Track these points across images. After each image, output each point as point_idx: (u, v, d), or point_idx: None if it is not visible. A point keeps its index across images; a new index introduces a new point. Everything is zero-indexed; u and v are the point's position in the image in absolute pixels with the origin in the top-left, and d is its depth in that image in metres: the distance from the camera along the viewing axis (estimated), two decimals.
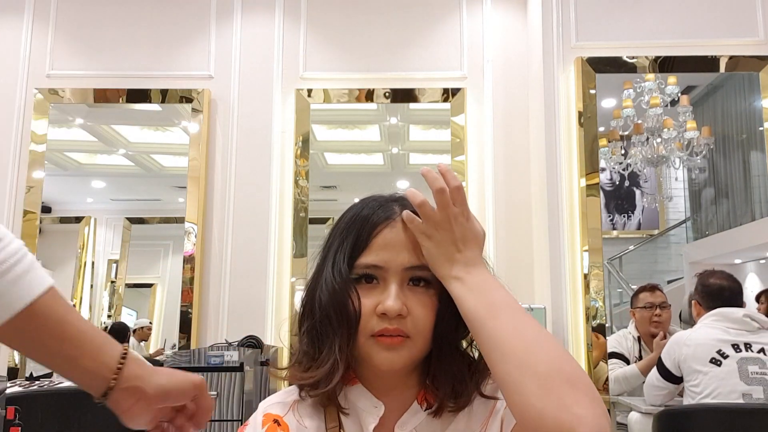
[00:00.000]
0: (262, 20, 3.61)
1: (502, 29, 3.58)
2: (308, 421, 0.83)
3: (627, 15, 3.27)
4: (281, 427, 0.83)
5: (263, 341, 3.11)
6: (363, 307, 0.78)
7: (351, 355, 0.80)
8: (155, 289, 3.65)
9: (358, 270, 0.80)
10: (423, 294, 0.80)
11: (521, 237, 3.36)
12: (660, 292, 3.03)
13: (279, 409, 0.85)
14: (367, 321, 0.78)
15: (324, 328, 0.80)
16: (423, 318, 0.79)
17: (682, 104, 3.38)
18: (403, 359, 0.78)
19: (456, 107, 3.47)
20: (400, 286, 0.79)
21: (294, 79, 3.55)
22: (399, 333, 0.78)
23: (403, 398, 0.83)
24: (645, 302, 2.99)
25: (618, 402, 2.86)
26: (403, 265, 0.80)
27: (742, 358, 2.30)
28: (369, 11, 3.61)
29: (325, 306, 0.80)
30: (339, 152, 3.83)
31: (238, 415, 2.64)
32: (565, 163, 3.15)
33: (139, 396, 0.70)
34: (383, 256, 0.80)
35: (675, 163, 3.48)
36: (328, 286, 0.81)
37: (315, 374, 0.80)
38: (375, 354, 0.78)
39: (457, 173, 3.40)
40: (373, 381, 0.83)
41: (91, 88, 3.50)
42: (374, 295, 0.79)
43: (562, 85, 3.22)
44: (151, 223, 3.60)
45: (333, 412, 0.82)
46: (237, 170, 3.47)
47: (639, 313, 3.00)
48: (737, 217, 3.63)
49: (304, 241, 3.35)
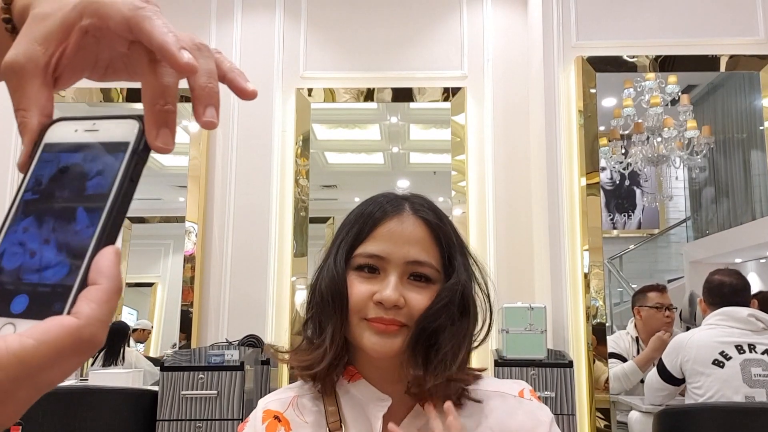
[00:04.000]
0: (263, 19, 3.61)
1: (502, 28, 3.58)
2: (308, 417, 0.83)
3: (627, 14, 3.27)
4: (281, 423, 0.83)
5: (263, 340, 3.11)
6: (360, 291, 0.80)
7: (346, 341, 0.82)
8: (156, 288, 3.65)
9: (359, 259, 0.82)
10: (423, 288, 0.81)
11: (521, 236, 3.36)
12: (667, 293, 3.02)
13: (279, 405, 0.85)
14: (362, 306, 0.79)
15: (324, 315, 0.82)
16: (421, 308, 0.80)
17: (682, 103, 3.37)
18: (396, 346, 0.79)
19: (456, 106, 3.47)
20: (400, 278, 0.80)
21: (294, 78, 3.55)
22: (394, 322, 0.78)
23: (406, 398, 0.83)
24: (655, 302, 2.96)
25: (618, 401, 2.86)
26: (405, 258, 0.80)
27: (746, 360, 2.28)
28: (369, 10, 3.60)
29: (324, 292, 0.82)
30: (339, 151, 3.83)
31: (238, 414, 2.64)
32: (565, 163, 3.15)
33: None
34: (385, 247, 0.81)
35: (675, 163, 3.47)
36: (329, 274, 0.82)
37: (310, 357, 0.81)
38: (366, 337, 0.79)
39: (457, 172, 3.41)
40: (375, 376, 0.84)
41: (92, 88, 3.50)
42: (373, 283, 0.80)
43: (563, 84, 3.22)
44: (152, 223, 3.60)
45: (333, 408, 0.83)
46: (237, 169, 3.47)
47: (646, 312, 2.98)
48: (737, 216, 3.63)
49: (305, 241, 3.35)
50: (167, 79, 0.37)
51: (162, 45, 0.35)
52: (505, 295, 3.19)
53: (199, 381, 2.65)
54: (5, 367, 0.27)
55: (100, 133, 0.36)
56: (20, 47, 0.37)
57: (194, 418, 2.61)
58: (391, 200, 0.85)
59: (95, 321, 0.30)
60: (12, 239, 0.33)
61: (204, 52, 0.39)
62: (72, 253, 0.32)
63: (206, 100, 0.38)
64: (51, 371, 0.29)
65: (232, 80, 0.41)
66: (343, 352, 0.82)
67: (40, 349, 0.28)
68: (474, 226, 3.38)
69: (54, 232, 0.33)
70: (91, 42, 0.38)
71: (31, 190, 0.35)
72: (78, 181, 0.34)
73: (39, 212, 0.34)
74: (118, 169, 0.34)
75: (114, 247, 0.33)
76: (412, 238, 0.82)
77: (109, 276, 0.32)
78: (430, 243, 0.83)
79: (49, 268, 0.32)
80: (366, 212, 0.84)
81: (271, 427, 0.83)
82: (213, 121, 0.38)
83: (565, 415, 2.54)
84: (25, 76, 0.36)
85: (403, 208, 0.84)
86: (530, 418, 0.84)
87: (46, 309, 0.31)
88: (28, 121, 0.37)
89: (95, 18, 0.36)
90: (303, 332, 0.86)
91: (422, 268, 0.81)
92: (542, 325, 2.69)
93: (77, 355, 0.30)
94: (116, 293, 0.32)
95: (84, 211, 0.33)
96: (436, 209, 0.86)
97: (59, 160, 0.35)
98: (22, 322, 0.31)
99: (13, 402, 0.28)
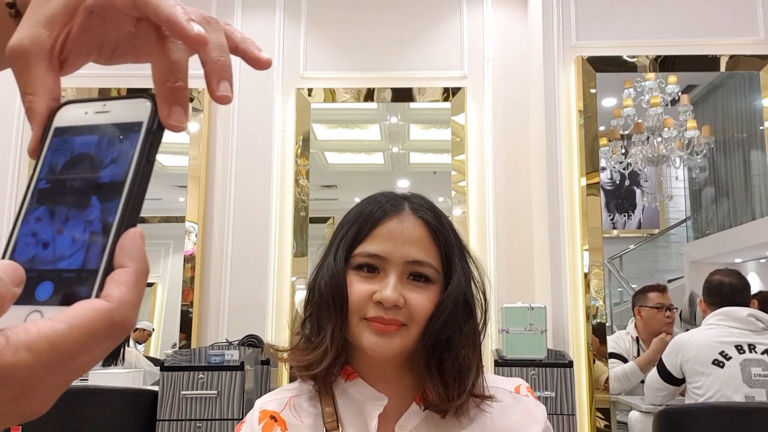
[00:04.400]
0: (263, 19, 3.61)
1: (502, 28, 3.58)
2: (305, 417, 0.83)
3: (627, 14, 3.27)
4: (278, 423, 0.83)
5: (263, 340, 3.11)
6: (359, 291, 0.80)
7: (345, 341, 0.82)
8: (156, 288, 3.65)
9: (359, 258, 0.82)
10: (423, 288, 0.81)
11: (521, 236, 3.36)
12: (668, 294, 3.02)
13: (275, 405, 0.86)
14: (362, 305, 0.79)
15: (322, 314, 0.82)
16: (421, 308, 0.80)
17: (682, 103, 3.37)
18: (395, 346, 0.79)
19: (456, 106, 3.47)
20: (400, 278, 0.80)
21: (294, 78, 3.55)
22: (394, 322, 0.79)
23: (402, 398, 0.83)
24: (656, 302, 2.96)
25: (618, 401, 2.86)
26: (404, 258, 0.81)
27: (746, 360, 2.28)
28: (369, 10, 3.60)
29: (323, 291, 0.82)
30: (339, 151, 3.83)
31: (238, 414, 2.64)
32: (565, 163, 3.15)
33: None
34: (385, 247, 0.81)
35: (675, 162, 3.47)
36: (328, 272, 0.82)
37: (310, 357, 0.81)
38: (366, 338, 0.79)
39: (457, 172, 3.41)
40: (372, 375, 0.84)
41: (92, 88, 3.50)
42: (373, 282, 0.80)
43: (563, 84, 3.22)
44: (152, 223, 3.60)
45: (330, 408, 0.83)
46: (237, 169, 3.47)
47: (647, 312, 2.98)
48: (738, 216, 3.63)
49: (305, 241, 3.35)
50: (177, 54, 0.35)
51: (170, 18, 0.34)
52: (505, 295, 3.19)
53: (199, 381, 2.65)
54: (38, 352, 0.27)
55: (111, 114, 0.35)
56: (24, 31, 0.36)
57: (194, 418, 2.62)
58: (391, 200, 0.85)
59: (126, 303, 0.30)
60: (29, 228, 0.33)
61: (213, 25, 0.38)
62: (95, 238, 0.32)
63: (219, 73, 0.37)
64: (83, 356, 0.28)
65: (246, 50, 0.40)
66: (343, 351, 0.82)
67: (73, 333, 0.28)
68: (474, 226, 3.38)
69: (75, 218, 0.32)
70: (96, 22, 0.37)
71: (45, 179, 0.34)
72: (94, 165, 0.33)
73: (55, 200, 0.33)
74: (134, 150, 0.33)
75: (138, 228, 0.32)
76: (412, 237, 0.82)
77: (137, 258, 0.31)
78: (429, 243, 0.83)
79: (71, 256, 0.31)
80: (365, 211, 0.84)
81: (267, 428, 0.83)
82: (227, 95, 0.36)
83: (565, 415, 2.54)
84: (30, 60, 0.35)
85: (402, 208, 0.84)
86: (525, 415, 0.84)
87: (72, 294, 0.30)
88: (35, 106, 0.36)
89: None
90: (301, 331, 0.86)
91: (422, 268, 0.81)
92: (542, 325, 2.69)
93: (110, 339, 0.29)
94: (145, 275, 0.32)
95: (103, 196, 0.33)
96: (435, 209, 0.86)
97: (73, 145, 0.35)
98: (49, 308, 0.30)
99: (46, 388, 0.28)
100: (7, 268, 0.29)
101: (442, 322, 0.79)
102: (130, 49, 0.40)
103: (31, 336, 0.27)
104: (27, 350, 0.27)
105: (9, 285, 0.28)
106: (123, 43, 0.40)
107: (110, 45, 0.40)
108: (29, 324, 0.27)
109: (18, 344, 0.27)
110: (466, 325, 0.81)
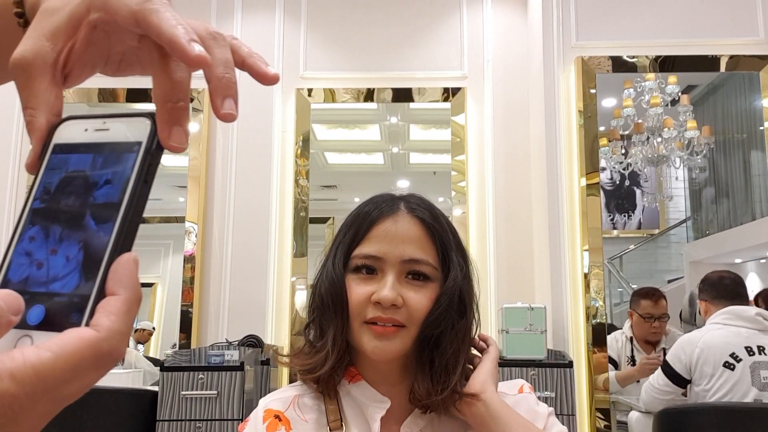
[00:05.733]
0: (263, 19, 3.61)
1: (502, 29, 3.58)
2: (309, 416, 0.84)
3: (627, 14, 3.27)
4: (282, 422, 0.83)
5: (263, 340, 3.11)
6: (358, 294, 0.80)
7: (348, 344, 0.82)
8: (156, 288, 3.65)
9: (357, 260, 0.82)
10: (421, 286, 0.81)
11: (521, 237, 3.36)
12: (663, 301, 2.95)
13: (280, 404, 0.86)
14: (362, 308, 0.80)
15: (324, 318, 0.82)
16: (420, 307, 0.80)
17: (682, 104, 3.37)
18: (395, 349, 0.79)
19: (456, 107, 3.47)
20: (398, 277, 0.80)
21: (294, 78, 3.55)
22: (392, 322, 0.79)
23: (405, 400, 0.83)
24: (645, 312, 2.91)
25: (618, 401, 2.86)
26: (401, 257, 0.81)
27: (755, 363, 2.25)
28: (369, 10, 3.60)
29: (324, 296, 0.82)
30: (339, 152, 3.83)
31: (238, 414, 2.64)
32: (565, 163, 3.15)
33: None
34: (381, 247, 0.81)
35: (675, 163, 3.47)
36: (327, 277, 0.83)
37: (312, 360, 0.81)
38: (366, 341, 0.79)
39: (457, 172, 3.41)
40: (375, 378, 0.84)
41: (92, 88, 3.50)
42: (371, 284, 0.80)
43: (563, 84, 3.22)
44: (152, 223, 3.59)
45: (334, 407, 0.83)
46: (237, 170, 3.47)
47: (636, 318, 2.97)
48: (738, 216, 3.63)
49: (305, 241, 3.35)
50: (178, 74, 0.35)
51: (171, 38, 0.34)
52: (505, 295, 3.19)
53: (199, 381, 2.65)
54: (22, 380, 0.26)
55: (110, 133, 0.34)
56: (28, 43, 0.35)
57: (194, 419, 2.61)
58: (387, 200, 0.86)
59: (116, 333, 0.29)
60: (24, 248, 0.32)
61: (219, 41, 0.37)
62: (89, 262, 0.31)
63: (223, 91, 0.36)
64: (70, 385, 0.28)
65: (252, 65, 0.39)
66: (345, 354, 0.82)
67: (59, 363, 0.27)
68: (474, 226, 3.38)
69: (68, 240, 0.32)
70: (101, 37, 0.37)
71: (40, 198, 0.33)
72: (90, 186, 0.33)
73: (49, 220, 0.33)
74: (131, 171, 0.33)
75: (132, 254, 0.32)
76: (408, 236, 0.82)
77: (128, 286, 0.31)
78: (426, 241, 0.83)
79: (64, 278, 0.31)
80: (362, 213, 0.85)
81: (271, 427, 0.83)
82: (232, 113, 0.36)
83: (565, 415, 2.54)
84: (33, 73, 0.35)
85: (398, 208, 0.84)
86: (528, 411, 0.85)
87: (63, 320, 0.30)
88: (36, 120, 0.35)
89: (102, 12, 0.35)
90: (305, 335, 0.86)
91: (419, 267, 0.81)
92: (542, 326, 2.69)
93: (97, 369, 0.29)
94: (136, 304, 0.31)
95: (98, 218, 0.32)
96: (432, 208, 0.87)
97: (69, 164, 0.34)
98: (39, 334, 0.30)
99: (32, 416, 0.27)
100: (7, 297, 0.29)
101: (435, 317, 0.80)
102: (137, 62, 0.40)
103: (16, 364, 0.27)
104: (11, 379, 0.26)
105: (8, 314, 0.28)
106: (129, 55, 0.39)
107: (117, 57, 0.40)
108: (15, 352, 0.27)
109: (2, 372, 0.26)
110: (458, 323, 0.81)
